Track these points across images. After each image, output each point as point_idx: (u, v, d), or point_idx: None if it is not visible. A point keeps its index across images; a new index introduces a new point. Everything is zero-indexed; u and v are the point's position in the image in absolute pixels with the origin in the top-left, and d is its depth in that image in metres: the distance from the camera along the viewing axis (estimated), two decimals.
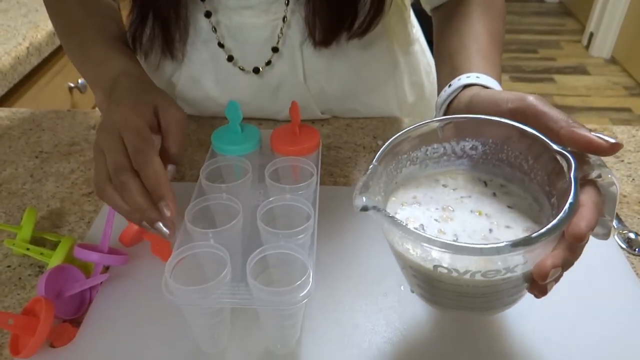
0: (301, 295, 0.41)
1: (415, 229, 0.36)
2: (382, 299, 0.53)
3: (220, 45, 0.72)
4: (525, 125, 0.42)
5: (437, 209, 0.44)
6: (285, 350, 0.48)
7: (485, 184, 0.46)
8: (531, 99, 0.43)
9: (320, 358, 0.48)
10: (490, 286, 0.38)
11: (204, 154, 0.73)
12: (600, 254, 0.58)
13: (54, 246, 0.57)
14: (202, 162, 0.57)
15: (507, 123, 0.43)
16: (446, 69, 0.60)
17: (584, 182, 0.38)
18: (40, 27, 1.21)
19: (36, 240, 0.59)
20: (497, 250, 0.34)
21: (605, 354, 0.48)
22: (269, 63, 0.73)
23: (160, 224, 0.47)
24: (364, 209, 0.37)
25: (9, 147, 0.78)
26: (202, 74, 0.76)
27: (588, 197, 0.37)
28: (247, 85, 0.75)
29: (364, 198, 0.38)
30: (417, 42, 0.85)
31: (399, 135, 0.44)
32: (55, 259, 0.54)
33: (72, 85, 1.33)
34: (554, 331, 0.50)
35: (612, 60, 3.12)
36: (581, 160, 0.38)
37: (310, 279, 0.42)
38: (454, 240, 0.40)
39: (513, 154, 0.44)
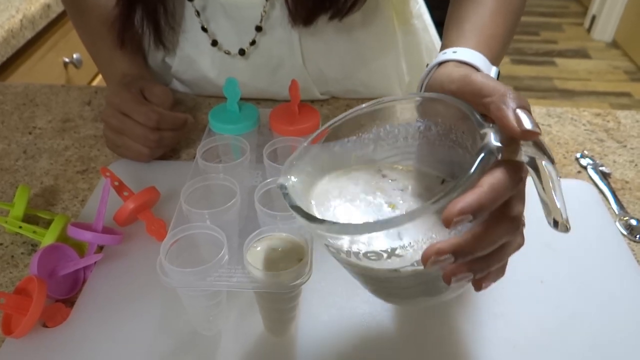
0: (299, 279, 0.41)
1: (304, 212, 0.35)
2: None
3: (204, 29, 0.71)
4: (463, 102, 0.38)
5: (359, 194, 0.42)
6: (283, 334, 0.48)
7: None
8: (473, 76, 0.39)
9: (318, 342, 0.47)
10: (378, 270, 0.36)
11: (200, 132, 0.72)
12: (601, 241, 0.57)
13: (47, 224, 0.56)
14: (198, 141, 0.56)
15: (443, 100, 0.39)
16: (442, 45, 0.58)
17: (501, 162, 0.33)
18: None
19: (29, 218, 0.58)
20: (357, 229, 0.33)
21: (605, 341, 0.48)
22: (253, 43, 0.71)
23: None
24: (281, 187, 0.38)
25: (1, 122, 0.76)
26: (198, 55, 0.74)
27: (488, 179, 0.32)
28: (244, 66, 0.74)
29: (284, 178, 0.39)
30: (420, 19, 0.83)
31: (341, 117, 0.42)
32: (48, 238, 0.53)
33: (67, 60, 1.31)
34: (553, 318, 0.50)
35: (614, 44, 3.09)
36: (510, 141, 0.34)
37: (309, 263, 0.42)
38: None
39: (459, 133, 0.40)
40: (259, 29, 0.70)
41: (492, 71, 0.47)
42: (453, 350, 0.47)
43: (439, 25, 0.89)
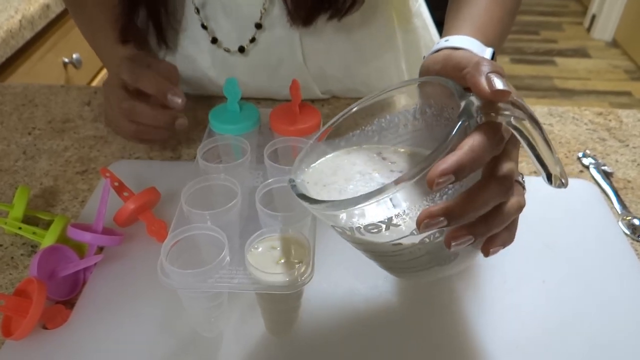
0: (301, 279, 0.40)
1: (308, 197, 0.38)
2: (382, 283, 0.52)
3: (204, 27, 0.71)
4: (445, 78, 0.40)
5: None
6: (284, 335, 0.47)
7: None
8: (453, 53, 0.41)
9: (319, 342, 0.47)
10: (382, 243, 0.38)
11: (201, 133, 0.71)
12: (604, 241, 0.57)
13: (47, 225, 0.56)
14: (199, 142, 0.56)
15: (430, 82, 0.42)
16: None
17: (480, 125, 0.35)
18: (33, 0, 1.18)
19: (29, 219, 0.58)
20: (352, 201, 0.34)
21: (607, 341, 0.47)
22: (253, 40, 0.71)
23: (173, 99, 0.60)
24: (290, 181, 0.40)
25: (0, 123, 0.76)
26: (198, 53, 0.74)
27: (468, 141, 0.34)
28: (244, 65, 0.74)
29: (294, 174, 0.41)
30: (419, 17, 0.83)
31: (340, 115, 0.45)
32: (48, 239, 0.53)
33: (66, 60, 1.30)
34: (555, 318, 0.49)
35: (614, 43, 3.09)
36: (488, 104, 0.35)
37: (311, 263, 0.41)
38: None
39: (450, 110, 0.42)
40: (258, 26, 0.69)
41: (487, 52, 0.47)
42: (456, 350, 0.47)
43: (440, 25, 0.88)
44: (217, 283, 0.42)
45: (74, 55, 1.32)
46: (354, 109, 0.45)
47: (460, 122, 0.34)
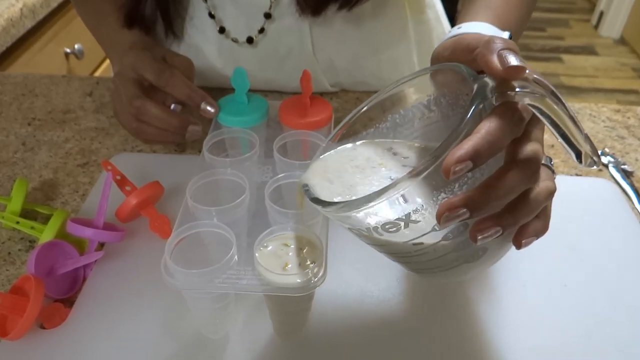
0: (313, 281, 0.38)
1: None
2: (395, 284, 0.50)
3: (211, 16, 0.69)
4: (455, 63, 0.37)
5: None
6: (292, 337, 0.45)
7: None
8: (462, 36, 0.39)
9: (329, 345, 0.45)
10: (403, 244, 0.36)
11: (207, 125, 0.69)
12: (625, 242, 0.55)
13: (45, 220, 0.54)
14: (205, 134, 0.54)
15: (440, 70, 0.40)
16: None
17: (496, 107, 0.33)
18: None
19: (27, 213, 0.56)
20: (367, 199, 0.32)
21: (632, 347, 0.45)
22: (262, 31, 0.69)
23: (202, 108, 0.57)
24: (303, 186, 0.39)
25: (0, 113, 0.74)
26: (204, 43, 0.72)
27: (484, 124, 0.31)
28: (252, 55, 0.72)
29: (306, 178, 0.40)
30: (432, 9, 0.80)
31: (353, 113, 0.43)
32: (46, 234, 0.51)
33: (68, 50, 1.28)
34: (578, 324, 0.47)
35: (622, 41, 3.06)
36: (503, 83, 0.33)
37: (323, 264, 0.39)
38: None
39: (464, 97, 0.39)
40: (268, 16, 0.67)
41: (504, 35, 0.45)
42: (470, 356, 0.45)
43: (451, 19, 0.86)
44: (224, 284, 0.39)
45: (76, 46, 1.30)
46: (365, 108, 0.42)
47: (474, 106, 0.32)
